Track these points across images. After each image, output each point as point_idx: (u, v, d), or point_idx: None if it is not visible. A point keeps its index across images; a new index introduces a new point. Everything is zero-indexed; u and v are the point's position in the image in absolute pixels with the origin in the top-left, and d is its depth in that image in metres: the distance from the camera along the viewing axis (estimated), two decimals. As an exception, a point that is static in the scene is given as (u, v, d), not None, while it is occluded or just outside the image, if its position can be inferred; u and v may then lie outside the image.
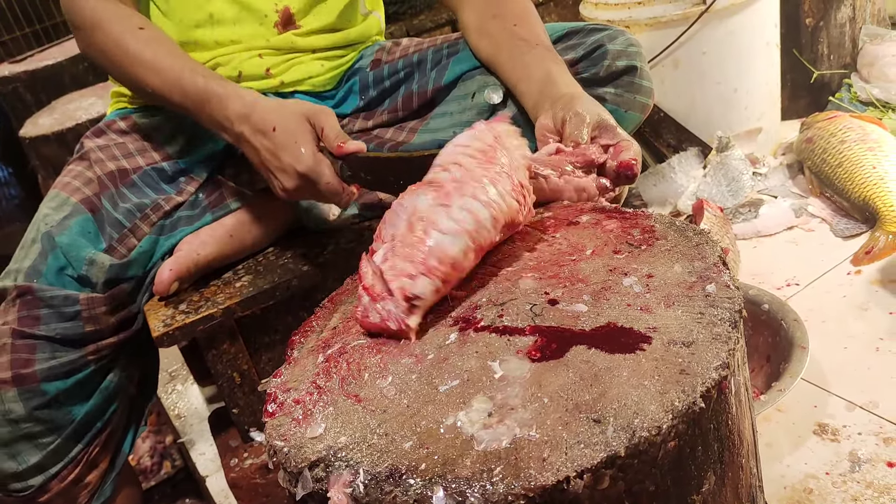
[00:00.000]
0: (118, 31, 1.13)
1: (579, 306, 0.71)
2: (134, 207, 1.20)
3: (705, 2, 1.79)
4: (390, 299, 0.69)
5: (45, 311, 1.10)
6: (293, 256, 1.24)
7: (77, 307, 1.12)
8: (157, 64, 1.10)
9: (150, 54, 1.11)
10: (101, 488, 1.22)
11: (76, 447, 1.16)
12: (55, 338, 1.11)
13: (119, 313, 1.17)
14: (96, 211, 1.18)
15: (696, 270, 0.72)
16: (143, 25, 1.15)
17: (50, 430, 1.12)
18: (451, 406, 0.63)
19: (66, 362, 1.11)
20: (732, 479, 0.66)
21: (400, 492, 0.57)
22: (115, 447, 1.23)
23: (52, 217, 1.17)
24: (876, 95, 1.97)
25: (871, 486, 1.09)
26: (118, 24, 1.13)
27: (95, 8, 1.15)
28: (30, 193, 3.21)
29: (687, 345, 0.63)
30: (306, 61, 1.29)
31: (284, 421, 0.67)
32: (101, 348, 1.15)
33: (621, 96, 1.17)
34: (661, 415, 0.57)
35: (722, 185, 1.83)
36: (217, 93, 1.07)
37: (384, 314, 0.70)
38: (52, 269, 1.12)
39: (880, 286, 1.47)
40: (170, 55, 1.12)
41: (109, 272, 1.14)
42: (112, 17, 1.14)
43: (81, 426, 1.15)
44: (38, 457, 1.12)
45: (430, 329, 0.74)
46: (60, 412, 1.13)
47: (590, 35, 1.19)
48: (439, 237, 0.72)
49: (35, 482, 1.14)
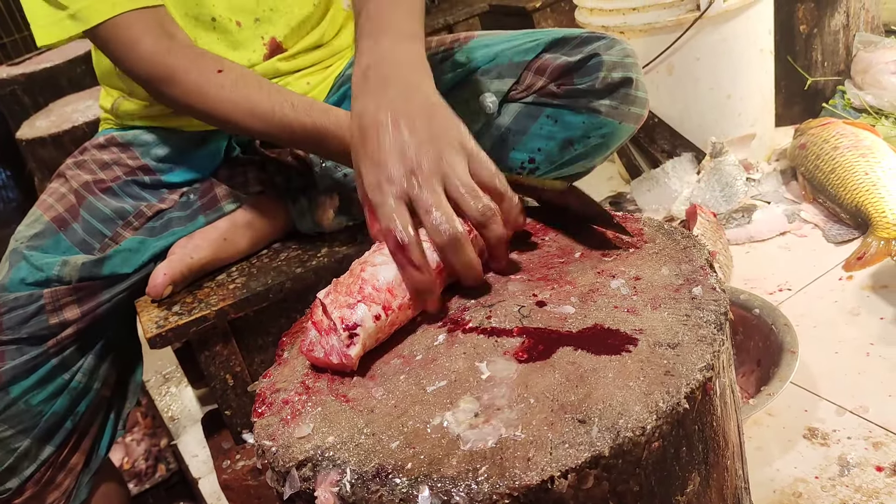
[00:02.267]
0: (198, 81, 1.06)
1: (567, 308, 0.71)
2: (114, 214, 1.20)
3: (699, 8, 1.80)
4: (334, 333, 0.70)
5: (7, 317, 1.10)
6: (287, 259, 1.25)
7: (40, 301, 1.11)
8: (257, 108, 1.04)
9: (243, 99, 1.05)
10: (77, 490, 1.22)
11: (47, 449, 1.16)
12: (22, 338, 1.11)
13: (85, 304, 1.16)
14: (66, 226, 1.18)
15: (682, 273, 0.73)
16: (220, 67, 1.07)
17: (20, 431, 1.12)
18: (438, 406, 0.63)
19: (28, 359, 1.11)
20: (717, 481, 0.67)
21: (386, 491, 0.57)
22: (89, 448, 1.23)
23: (24, 233, 1.18)
24: (869, 102, 1.98)
25: (859, 490, 1.09)
26: (195, 74, 1.06)
27: (157, 57, 1.06)
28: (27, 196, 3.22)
29: (672, 346, 0.64)
30: (292, 82, 1.28)
31: (273, 421, 0.68)
32: (61, 340, 1.14)
33: (617, 108, 1.17)
34: (646, 415, 0.58)
35: (715, 190, 1.84)
36: (330, 131, 1.02)
37: (327, 349, 0.70)
38: (15, 280, 1.12)
39: (871, 291, 1.48)
40: (261, 92, 1.05)
41: (83, 270, 1.14)
42: (184, 67, 1.06)
43: (50, 426, 1.15)
44: (10, 460, 1.12)
45: (420, 330, 0.74)
46: (28, 412, 1.13)
47: (585, 44, 1.18)
48: (373, 269, 0.74)
49: (11, 485, 1.14)
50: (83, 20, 1.06)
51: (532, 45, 1.21)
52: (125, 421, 1.31)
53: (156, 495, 1.94)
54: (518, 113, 1.21)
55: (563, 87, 1.17)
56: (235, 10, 1.20)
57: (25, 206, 3.09)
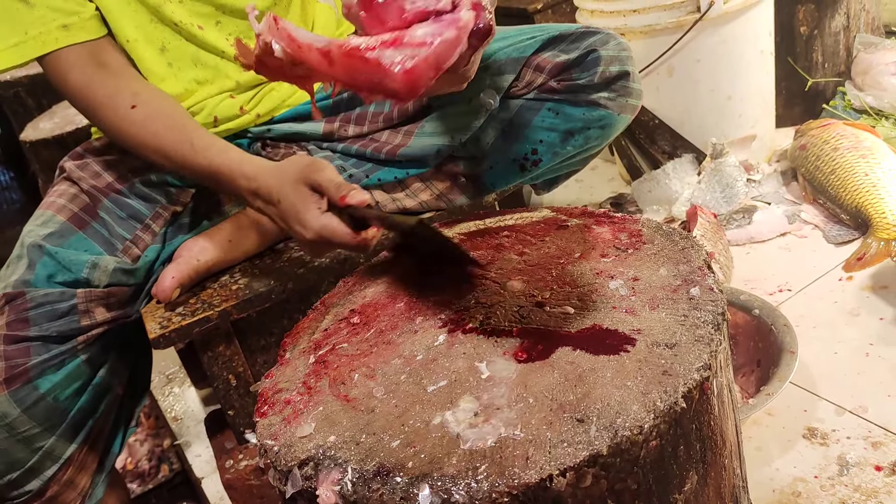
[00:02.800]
0: (112, 118, 1.11)
1: (566, 308, 0.72)
2: (131, 216, 1.21)
3: (700, 10, 1.80)
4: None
5: (34, 313, 1.11)
6: (289, 260, 1.25)
7: (73, 301, 1.12)
8: (162, 148, 1.09)
9: (151, 137, 1.10)
10: (93, 490, 1.22)
11: (70, 447, 1.17)
12: (50, 336, 1.11)
13: (115, 309, 1.18)
14: (85, 226, 1.19)
15: (680, 274, 0.74)
16: (134, 102, 1.11)
17: (45, 429, 1.13)
18: (438, 406, 0.64)
19: (57, 354, 1.12)
20: (715, 479, 0.67)
21: (387, 490, 0.58)
22: (103, 448, 1.24)
23: (38, 232, 1.17)
24: (869, 103, 1.98)
25: (858, 489, 1.10)
26: (111, 111, 1.11)
27: (80, 92, 1.12)
28: (31, 198, 3.23)
29: (670, 346, 0.64)
30: (276, 87, 1.28)
31: (275, 421, 0.69)
32: (90, 337, 1.15)
33: (615, 100, 1.20)
34: (644, 415, 0.58)
35: (716, 191, 1.84)
36: (223, 172, 1.06)
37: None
38: (41, 276, 1.13)
39: (871, 292, 1.49)
40: (170, 131, 1.10)
41: (113, 276, 1.15)
42: (100, 102, 1.11)
43: (75, 423, 1.16)
44: (32, 459, 1.13)
45: (420, 331, 0.75)
46: (55, 408, 1.13)
47: (581, 39, 1.20)
48: None
49: (33, 487, 1.14)
50: (20, 55, 1.11)
51: (530, 42, 1.22)
52: (137, 419, 1.32)
53: (159, 496, 1.95)
54: (520, 107, 1.23)
55: (564, 83, 1.19)
56: (194, 16, 1.21)
57: (28, 207, 3.11)
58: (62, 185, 1.25)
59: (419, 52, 0.67)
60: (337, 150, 1.31)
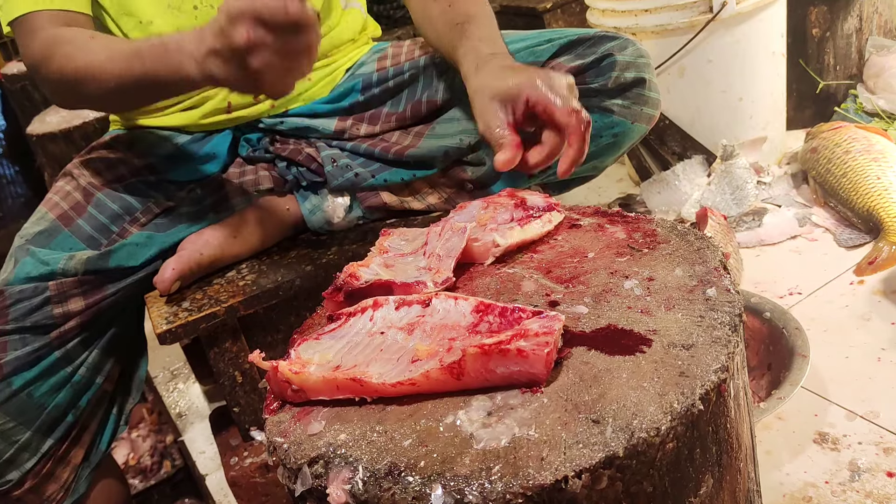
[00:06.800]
0: (67, 50, 1.07)
1: (580, 308, 0.71)
2: (121, 210, 1.21)
3: (712, 10, 1.79)
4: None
5: (11, 309, 1.11)
6: (297, 256, 1.24)
7: (46, 293, 1.12)
8: (113, 53, 1.04)
9: (102, 48, 1.06)
10: (76, 484, 1.22)
11: (47, 442, 1.16)
12: (26, 327, 1.11)
13: (90, 297, 1.16)
14: (71, 223, 1.19)
15: (696, 274, 0.73)
16: (94, 35, 1.10)
17: (21, 423, 1.12)
18: (451, 405, 0.63)
19: (31, 351, 1.11)
20: (730, 483, 0.66)
21: (399, 489, 0.57)
22: (89, 442, 1.23)
23: (29, 230, 1.18)
24: (881, 106, 1.97)
25: (870, 495, 1.09)
26: (69, 46, 1.08)
27: (44, 42, 1.10)
28: (36, 192, 3.23)
29: (686, 347, 0.63)
30: None
31: (284, 418, 0.68)
32: (64, 332, 1.14)
33: (629, 108, 1.17)
34: (660, 416, 0.57)
35: (726, 193, 1.83)
36: (173, 38, 0.98)
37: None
38: (20, 276, 1.13)
39: (883, 297, 1.47)
40: (124, 43, 1.08)
41: (88, 263, 1.14)
42: (60, 40, 1.09)
43: (52, 419, 1.15)
44: (10, 451, 1.12)
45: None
46: (30, 404, 1.13)
47: (599, 44, 1.18)
48: None
49: (12, 477, 1.14)
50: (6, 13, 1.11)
51: (547, 47, 1.21)
52: (128, 416, 1.31)
53: (160, 491, 1.94)
54: None
55: (576, 87, 1.17)
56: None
57: (34, 201, 3.11)
58: (60, 182, 1.26)
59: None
60: (346, 149, 1.30)
